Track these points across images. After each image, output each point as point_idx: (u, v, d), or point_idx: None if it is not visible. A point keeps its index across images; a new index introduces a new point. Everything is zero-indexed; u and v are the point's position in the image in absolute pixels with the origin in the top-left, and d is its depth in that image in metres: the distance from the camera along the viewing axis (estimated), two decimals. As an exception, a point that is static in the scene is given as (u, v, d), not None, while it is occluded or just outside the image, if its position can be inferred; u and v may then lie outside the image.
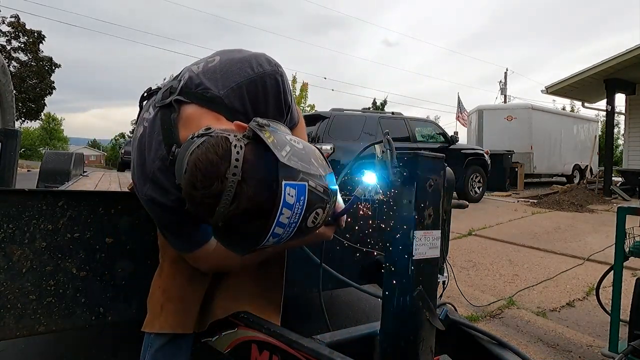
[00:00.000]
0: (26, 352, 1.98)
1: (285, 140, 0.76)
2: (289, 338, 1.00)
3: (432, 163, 0.92)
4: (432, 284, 0.94)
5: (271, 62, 1.00)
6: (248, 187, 0.71)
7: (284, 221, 0.72)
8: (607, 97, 9.62)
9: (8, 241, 1.10)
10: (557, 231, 5.55)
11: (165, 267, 1.14)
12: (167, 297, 1.11)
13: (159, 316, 1.10)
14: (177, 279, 1.12)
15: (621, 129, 22.39)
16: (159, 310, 1.11)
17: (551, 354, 2.24)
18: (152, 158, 0.95)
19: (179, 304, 1.11)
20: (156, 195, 0.95)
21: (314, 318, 2.10)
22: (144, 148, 0.97)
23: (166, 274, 1.13)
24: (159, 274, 1.15)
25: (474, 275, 3.65)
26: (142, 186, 0.97)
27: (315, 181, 0.74)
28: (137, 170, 0.98)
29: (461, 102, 17.49)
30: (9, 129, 3.12)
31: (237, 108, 0.95)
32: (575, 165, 14.09)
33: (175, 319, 1.10)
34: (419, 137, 7.51)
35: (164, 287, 1.12)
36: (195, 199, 0.73)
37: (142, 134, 0.99)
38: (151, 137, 0.96)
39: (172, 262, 1.13)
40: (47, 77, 26.83)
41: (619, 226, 1.99)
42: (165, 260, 1.14)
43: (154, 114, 0.98)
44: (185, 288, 1.12)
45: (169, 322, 1.10)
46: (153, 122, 0.97)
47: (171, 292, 1.11)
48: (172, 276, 1.12)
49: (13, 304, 1.10)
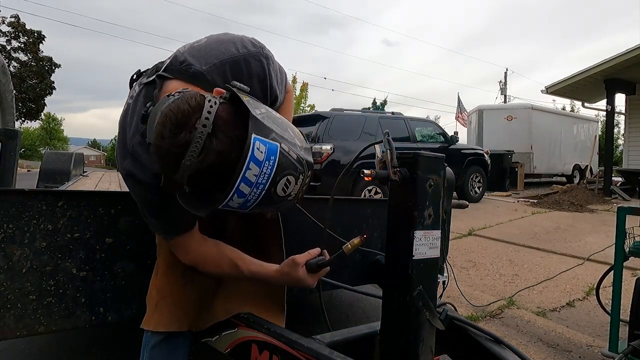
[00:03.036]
0: (26, 352, 1.98)
1: (262, 106, 0.76)
2: (289, 338, 1.00)
3: (432, 163, 0.91)
4: (432, 284, 0.94)
5: (256, 45, 1.00)
6: (217, 142, 0.69)
7: (250, 178, 0.69)
8: (607, 97, 9.62)
9: (8, 241, 1.10)
10: (557, 231, 5.55)
11: (160, 265, 1.14)
12: (161, 295, 1.11)
13: (154, 314, 1.10)
14: (170, 277, 1.11)
15: (621, 129, 22.42)
16: (153, 308, 1.11)
17: (551, 354, 2.24)
18: (132, 132, 0.94)
19: (172, 302, 1.11)
20: (135, 170, 0.94)
21: (314, 318, 2.11)
22: (126, 125, 0.96)
23: (161, 272, 1.13)
24: (155, 273, 1.15)
25: (474, 275, 3.65)
26: (123, 161, 0.96)
27: (288, 146, 0.73)
28: (119, 147, 0.99)
29: (461, 102, 17.50)
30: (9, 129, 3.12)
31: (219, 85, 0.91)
32: (575, 165, 14.09)
33: (169, 317, 1.10)
34: (419, 137, 7.51)
35: (158, 285, 1.12)
36: (162, 150, 0.71)
37: (124, 110, 0.99)
38: (133, 113, 0.96)
39: (166, 260, 1.12)
40: (47, 77, 26.85)
41: (619, 226, 1.99)
42: (161, 258, 1.14)
43: (138, 91, 0.98)
44: (179, 286, 1.11)
45: (162, 321, 1.09)
46: (136, 99, 0.97)
47: (165, 290, 1.11)
48: (166, 274, 1.12)
49: (13, 304, 1.10)
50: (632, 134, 10.29)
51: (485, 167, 8.43)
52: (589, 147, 14.02)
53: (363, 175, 0.92)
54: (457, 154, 7.83)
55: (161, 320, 1.10)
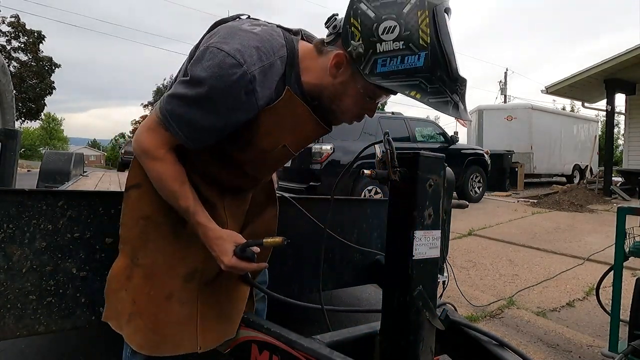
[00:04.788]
0: (26, 352, 1.98)
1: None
2: (289, 338, 1.00)
3: (432, 163, 0.91)
4: (432, 284, 0.94)
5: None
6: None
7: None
8: (607, 97, 9.61)
9: (8, 241, 1.10)
10: (557, 231, 5.55)
11: (136, 274, 1.03)
12: (137, 310, 1.01)
13: (127, 325, 1.01)
14: (152, 294, 1.01)
15: (621, 129, 22.41)
16: (126, 317, 1.01)
17: (551, 354, 2.24)
18: (270, 41, 0.91)
19: (151, 323, 1.00)
20: (240, 58, 0.85)
21: (314, 318, 2.10)
22: (262, 32, 0.92)
23: (138, 284, 1.02)
24: (127, 276, 1.03)
25: (474, 275, 3.65)
26: (231, 40, 0.87)
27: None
28: (239, 32, 0.90)
29: (461, 102, 17.45)
30: (9, 129, 3.12)
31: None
32: (575, 165, 14.09)
33: (144, 338, 1.00)
34: (419, 137, 7.51)
35: (133, 295, 1.02)
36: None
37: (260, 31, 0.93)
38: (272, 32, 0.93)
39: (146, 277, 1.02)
40: (47, 77, 26.85)
41: (619, 226, 1.99)
42: (138, 267, 1.03)
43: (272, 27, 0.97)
44: (162, 307, 1.01)
45: (136, 340, 1.00)
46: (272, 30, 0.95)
47: (143, 307, 1.01)
48: (145, 289, 1.01)
49: (13, 304, 1.10)
50: (632, 134, 10.29)
51: (485, 167, 8.43)
52: (589, 147, 14.02)
53: (363, 174, 0.92)
54: (457, 154, 7.83)
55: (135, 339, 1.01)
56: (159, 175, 0.96)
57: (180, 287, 1.04)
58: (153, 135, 0.94)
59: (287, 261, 1.62)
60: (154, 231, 1.04)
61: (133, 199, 1.05)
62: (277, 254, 1.58)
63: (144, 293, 1.02)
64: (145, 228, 1.04)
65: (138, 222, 1.04)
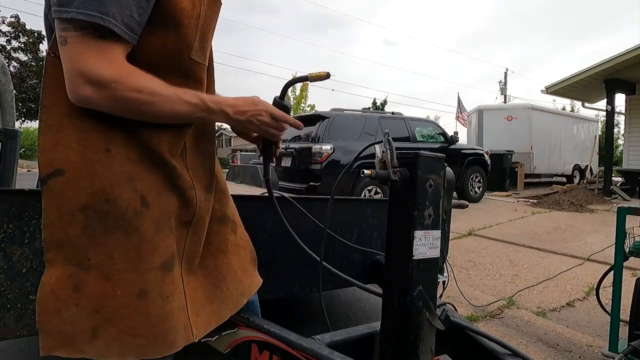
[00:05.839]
0: (26, 352, 1.98)
1: None
2: (289, 338, 1.00)
3: (432, 163, 0.92)
4: (432, 284, 0.94)
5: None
6: None
7: None
8: (607, 97, 9.62)
9: (8, 241, 1.10)
10: (557, 231, 5.55)
11: (89, 280, 0.82)
12: (103, 319, 0.82)
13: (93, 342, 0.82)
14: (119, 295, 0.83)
15: (621, 129, 22.42)
16: (88, 334, 0.82)
17: (551, 354, 2.24)
18: None
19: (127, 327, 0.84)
20: None
21: (314, 318, 2.11)
22: None
23: (96, 290, 0.82)
24: (74, 287, 0.81)
25: (474, 275, 3.65)
26: None
27: None
28: None
29: (461, 102, 17.50)
30: (9, 129, 3.12)
31: None
32: (575, 165, 14.10)
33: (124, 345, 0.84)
34: (419, 137, 7.51)
35: (92, 304, 0.82)
36: None
37: None
38: None
39: (105, 277, 0.82)
40: (47, 77, 26.81)
41: (619, 226, 1.99)
42: (90, 270, 0.82)
43: None
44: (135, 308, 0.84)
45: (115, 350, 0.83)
46: None
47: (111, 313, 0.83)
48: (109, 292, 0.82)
49: (13, 304, 1.10)
50: (632, 134, 10.30)
51: (485, 167, 8.44)
52: (589, 147, 14.03)
53: (363, 175, 0.93)
54: (457, 154, 7.84)
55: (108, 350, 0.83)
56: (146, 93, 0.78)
57: (157, 279, 0.86)
58: (105, 55, 0.74)
59: (288, 260, 1.62)
60: (99, 224, 0.82)
61: (57, 190, 0.80)
62: (278, 254, 1.59)
63: (109, 296, 0.83)
64: (86, 222, 0.81)
65: (74, 216, 0.81)
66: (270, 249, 1.55)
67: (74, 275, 0.82)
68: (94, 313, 0.82)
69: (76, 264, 0.82)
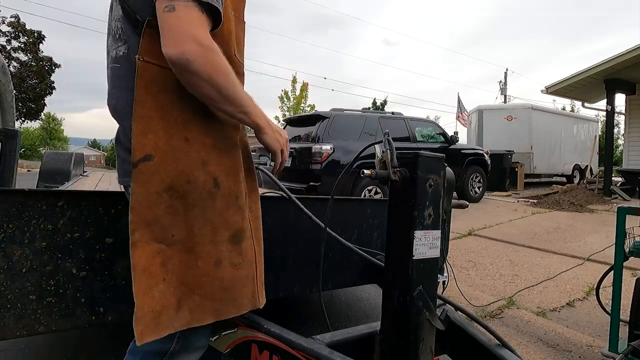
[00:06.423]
0: (26, 352, 1.98)
1: None
2: (289, 338, 1.00)
3: (432, 163, 0.92)
4: (432, 284, 0.94)
5: None
6: None
7: None
8: (607, 97, 9.62)
9: (8, 241, 1.10)
10: (557, 231, 5.55)
11: (174, 254, 0.94)
12: (187, 290, 0.95)
13: (177, 313, 0.94)
14: (200, 265, 0.95)
15: (621, 129, 22.42)
16: (173, 307, 0.93)
17: (551, 354, 2.24)
18: None
19: (206, 294, 0.96)
20: None
21: (314, 318, 2.11)
22: None
23: (181, 262, 0.94)
24: (162, 263, 0.92)
25: (474, 275, 3.65)
26: None
27: None
28: None
29: (461, 102, 17.51)
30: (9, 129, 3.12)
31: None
32: (575, 165, 14.09)
33: (203, 310, 0.96)
34: (419, 137, 7.51)
35: (178, 277, 0.94)
36: None
37: None
38: None
39: (188, 251, 0.95)
40: (47, 77, 26.85)
41: (619, 226, 1.99)
42: (175, 245, 0.94)
43: None
44: (213, 275, 0.97)
45: (195, 318, 0.95)
46: None
47: (192, 284, 0.95)
48: (191, 264, 0.95)
49: (13, 304, 1.10)
50: (632, 134, 10.30)
51: (485, 167, 8.44)
52: (589, 147, 14.03)
53: (363, 175, 0.93)
54: (457, 154, 7.84)
55: (196, 315, 0.95)
56: (226, 69, 0.89)
57: (229, 250, 0.98)
58: (204, 23, 0.87)
59: (288, 260, 1.62)
60: (181, 202, 0.94)
61: (146, 173, 0.91)
62: (278, 254, 1.59)
63: (191, 267, 0.94)
64: (171, 202, 0.93)
65: (160, 197, 0.92)
66: (271, 249, 1.55)
67: (160, 253, 0.92)
68: (178, 285, 0.93)
69: (162, 241, 0.93)
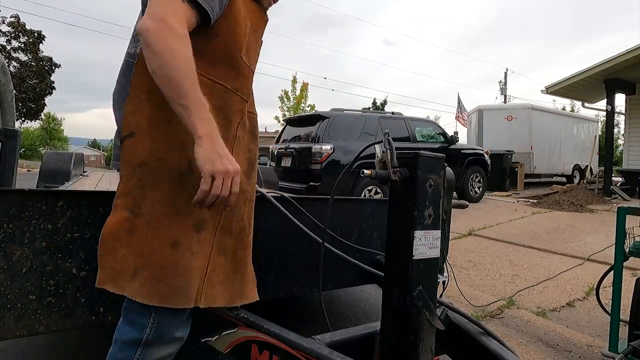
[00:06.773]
0: (26, 352, 1.98)
1: None
2: (289, 338, 1.00)
3: (432, 163, 0.92)
4: (432, 284, 0.94)
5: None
6: None
7: None
8: (607, 97, 9.62)
9: (8, 241, 1.10)
10: (557, 231, 5.55)
11: (139, 225, 0.98)
12: (143, 263, 0.97)
13: (131, 281, 0.97)
14: (155, 242, 0.98)
15: (621, 129, 22.42)
16: (130, 272, 0.97)
17: (551, 354, 2.24)
18: None
19: (157, 273, 0.97)
20: None
21: (314, 318, 2.11)
22: None
23: (143, 235, 0.98)
24: (128, 230, 0.98)
25: (474, 275, 3.65)
26: None
27: None
28: None
29: (461, 102, 17.51)
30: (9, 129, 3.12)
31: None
32: (575, 165, 14.09)
33: (152, 289, 0.96)
34: (419, 137, 7.51)
35: (139, 247, 0.98)
36: None
37: None
38: None
39: (148, 225, 0.98)
40: (47, 77, 26.84)
41: (619, 226, 1.99)
42: (140, 217, 0.98)
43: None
44: (167, 256, 0.98)
45: (143, 292, 0.96)
46: None
47: (148, 258, 0.97)
48: (148, 238, 0.98)
49: (13, 304, 1.10)
50: (632, 134, 10.29)
51: (485, 167, 8.44)
52: (589, 147, 14.02)
53: (363, 175, 0.93)
54: (457, 154, 7.84)
55: (142, 291, 0.96)
56: (178, 50, 0.88)
57: (189, 235, 0.99)
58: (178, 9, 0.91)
59: (288, 260, 1.62)
60: (150, 178, 0.99)
61: (129, 147, 1.00)
62: (278, 254, 1.59)
63: (147, 242, 0.97)
64: (142, 175, 0.99)
65: (135, 170, 1.00)
66: (270, 249, 1.55)
67: (127, 221, 0.98)
68: (138, 255, 0.97)
69: (131, 211, 0.99)
